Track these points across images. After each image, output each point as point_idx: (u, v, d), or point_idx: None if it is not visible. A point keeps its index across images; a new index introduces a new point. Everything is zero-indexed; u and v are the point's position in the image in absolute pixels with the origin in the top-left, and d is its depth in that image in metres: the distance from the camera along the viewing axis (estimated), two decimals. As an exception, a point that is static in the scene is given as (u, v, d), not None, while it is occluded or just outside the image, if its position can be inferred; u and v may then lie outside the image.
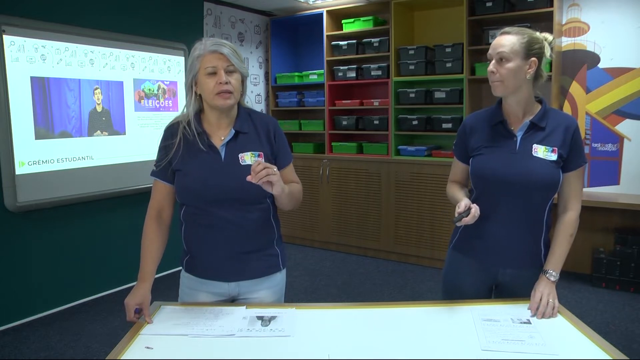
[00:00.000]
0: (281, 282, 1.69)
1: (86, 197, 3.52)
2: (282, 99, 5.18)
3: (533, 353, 1.26)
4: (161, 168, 1.57)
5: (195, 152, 1.54)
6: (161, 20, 4.05)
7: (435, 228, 4.25)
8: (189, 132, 1.54)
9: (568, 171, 1.59)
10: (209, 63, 1.47)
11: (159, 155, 1.59)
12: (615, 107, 3.91)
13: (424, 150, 4.33)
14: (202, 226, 1.56)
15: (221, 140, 1.55)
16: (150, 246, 1.56)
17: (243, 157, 1.53)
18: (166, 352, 1.31)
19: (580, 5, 3.97)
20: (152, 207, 1.60)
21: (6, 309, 3.16)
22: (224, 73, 1.47)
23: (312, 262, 4.55)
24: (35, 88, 3.20)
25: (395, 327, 1.44)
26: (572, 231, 1.60)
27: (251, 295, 1.61)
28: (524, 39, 1.52)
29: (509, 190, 1.57)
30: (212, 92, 1.48)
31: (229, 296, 1.62)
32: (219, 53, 1.47)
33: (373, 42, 4.53)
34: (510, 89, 1.55)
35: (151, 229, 1.58)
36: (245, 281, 1.59)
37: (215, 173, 1.52)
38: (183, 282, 1.66)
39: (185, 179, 1.54)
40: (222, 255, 1.56)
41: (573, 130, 1.57)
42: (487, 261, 1.66)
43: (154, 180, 1.60)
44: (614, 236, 3.79)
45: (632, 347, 2.82)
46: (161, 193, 1.59)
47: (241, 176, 1.44)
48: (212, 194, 1.52)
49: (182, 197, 1.57)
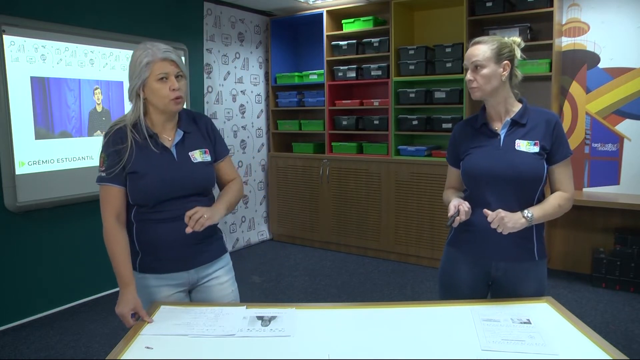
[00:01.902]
0: (230, 261, 1.83)
1: (86, 197, 3.51)
2: (282, 99, 5.18)
3: (533, 353, 1.26)
4: (115, 173, 1.57)
5: (148, 154, 1.59)
6: (161, 20, 4.06)
7: (435, 228, 4.25)
8: (137, 135, 1.59)
9: (555, 163, 1.67)
10: (161, 69, 1.54)
11: (109, 161, 1.57)
12: (615, 107, 3.91)
13: (424, 150, 4.33)
14: (156, 222, 1.61)
15: (170, 141, 1.64)
16: (121, 250, 1.57)
17: (194, 155, 1.66)
18: (166, 352, 1.31)
19: (580, 5, 3.97)
20: (109, 213, 1.58)
21: (6, 309, 3.16)
22: (175, 79, 1.56)
23: (312, 262, 4.55)
24: (35, 88, 3.20)
25: (395, 327, 1.44)
26: (562, 202, 1.66)
27: (210, 277, 1.72)
28: (494, 45, 1.65)
29: (496, 184, 1.65)
30: (166, 98, 1.55)
31: (189, 284, 1.69)
32: (169, 60, 1.55)
33: (373, 42, 4.53)
34: (487, 92, 1.66)
35: (116, 233, 1.57)
36: (202, 266, 1.69)
37: (171, 172, 1.60)
38: (140, 284, 1.62)
39: (141, 181, 1.57)
40: (179, 244, 1.62)
41: (554, 123, 1.66)
42: (480, 255, 1.72)
43: (105, 186, 1.58)
44: (614, 236, 3.79)
45: (632, 347, 2.82)
46: (116, 197, 1.59)
47: (194, 173, 1.64)
48: (170, 192, 1.60)
49: (136, 198, 1.60)
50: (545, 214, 1.62)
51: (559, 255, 4.12)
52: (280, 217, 5.21)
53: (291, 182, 5.10)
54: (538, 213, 1.60)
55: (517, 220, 1.56)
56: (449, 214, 1.63)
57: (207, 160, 1.69)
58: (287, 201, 5.14)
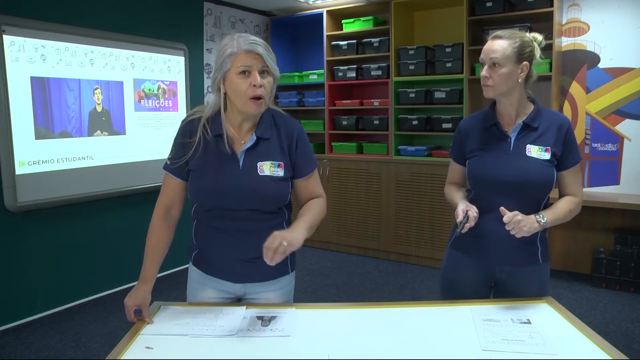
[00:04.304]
0: (289, 284, 1.63)
1: (86, 197, 3.52)
2: (282, 99, 5.18)
3: (533, 353, 1.26)
4: (177, 165, 1.50)
5: (213, 155, 1.47)
6: (161, 20, 4.06)
7: (435, 228, 4.25)
8: (208, 132, 1.47)
9: (565, 169, 1.63)
10: (243, 62, 1.38)
11: (174, 151, 1.51)
12: (615, 107, 3.91)
13: (424, 150, 4.33)
14: (213, 228, 1.52)
15: (241, 145, 1.48)
16: (156, 246, 1.52)
17: (262, 166, 1.46)
18: (166, 352, 1.31)
19: (580, 5, 3.97)
20: (161, 203, 1.53)
21: (6, 309, 3.16)
22: (258, 75, 1.39)
23: (312, 262, 4.55)
24: (35, 88, 3.20)
25: (395, 327, 1.44)
26: (572, 207, 1.64)
27: (258, 296, 1.58)
28: (516, 44, 1.55)
29: (504, 189, 1.60)
30: (244, 95, 1.40)
31: (236, 295, 1.60)
32: (254, 53, 1.38)
33: (373, 42, 4.53)
34: (502, 92, 1.59)
35: (159, 226, 1.52)
36: (252, 283, 1.56)
37: (231, 181, 1.45)
38: (192, 276, 1.62)
39: (200, 181, 1.48)
40: (231, 257, 1.52)
41: (566, 129, 1.61)
42: (485, 259, 1.69)
43: (166, 174, 1.52)
44: (614, 236, 3.78)
45: (632, 347, 2.82)
46: (173, 189, 1.53)
47: (257, 186, 1.43)
48: (226, 201, 1.46)
49: (196, 197, 1.51)
50: (556, 219, 1.59)
51: (559, 256, 4.12)
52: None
53: (291, 182, 5.09)
54: (550, 218, 1.57)
55: (532, 224, 1.51)
56: (458, 219, 1.58)
57: (278, 175, 1.47)
58: (287, 201, 5.13)
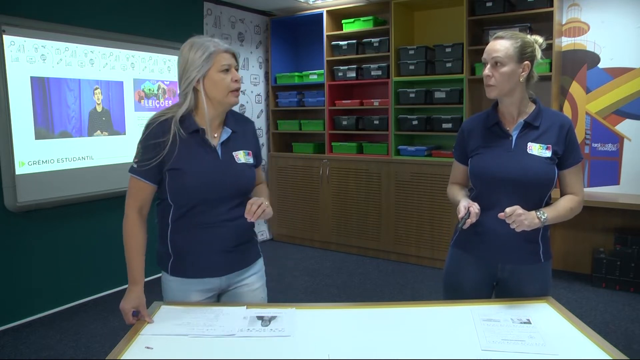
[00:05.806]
0: (263, 266, 1.76)
1: (86, 197, 3.51)
2: (282, 99, 5.18)
3: (533, 353, 1.26)
4: (148, 168, 1.50)
5: (192, 151, 1.52)
6: (161, 20, 4.05)
7: (435, 228, 4.25)
8: (182, 130, 1.51)
9: (566, 168, 1.65)
10: (225, 60, 1.52)
11: (144, 153, 1.51)
12: (615, 107, 3.91)
13: (424, 150, 4.33)
14: (195, 225, 1.54)
15: (215, 139, 1.58)
16: (137, 247, 1.55)
17: (237, 155, 1.60)
18: (166, 352, 1.31)
19: (580, 5, 3.97)
20: (132, 206, 1.55)
21: (6, 309, 3.16)
22: (235, 71, 1.54)
23: (312, 262, 4.55)
24: (35, 88, 3.20)
25: (395, 327, 1.44)
26: (573, 205, 1.65)
27: (241, 283, 1.66)
28: (517, 44, 1.59)
29: (505, 187, 1.62)
30: (227, 89, 1.52)
31: (220, 290, 1.65)
32: (231, 52, 1.55)
33: (373, 42, 4.53)
34: (504, 91, 1.62)
35: (137, 228, 1.55)
36: (235, 272, 1.63)
37: (215, 171, 1.54)
38: (170, 287, 1.61)
39: (183, 178, 1.50)
40: (216, 251, 1.57)
41: (567, 128, 1.64)
42: (487, 257, 1.70)
43: (134, 178, 1.53)
44: (614, 236, 3.79)
45: (632, 347, 2.82)
46: (145, 192, 1.54)
47: (238, 173, 1.57)
48: (212, 192, 1.53)
49: (177, 198, 1.53)
50: (557, 216, 1.61)
51: (559, 255, 4.12)
52: (281, 217, 5.20)
53: (291, 182, 5.10)
54: (551, 215, 1.58)
55: (532, 219, 1.53)
56: (459, 215, 1.59)
57: (250, 162, 1.63)
58: (287, 201, 5.14)
